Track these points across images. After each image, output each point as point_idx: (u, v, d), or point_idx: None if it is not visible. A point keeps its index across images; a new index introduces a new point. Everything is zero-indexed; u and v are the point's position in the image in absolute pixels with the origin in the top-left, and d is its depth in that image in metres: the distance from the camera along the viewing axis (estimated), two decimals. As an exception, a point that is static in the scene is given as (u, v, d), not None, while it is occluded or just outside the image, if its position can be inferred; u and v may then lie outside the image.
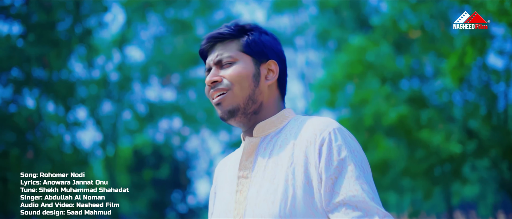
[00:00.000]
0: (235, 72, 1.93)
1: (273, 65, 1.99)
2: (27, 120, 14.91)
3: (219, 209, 1.95)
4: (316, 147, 1.81)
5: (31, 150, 14.42)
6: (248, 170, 1.90)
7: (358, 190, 1.74)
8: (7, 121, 14.43)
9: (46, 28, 15.07)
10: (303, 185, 1.78)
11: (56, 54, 15.58)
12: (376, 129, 12.08)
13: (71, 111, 17.71)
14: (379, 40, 12.35)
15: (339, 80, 12.07)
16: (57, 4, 15.33)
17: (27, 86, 15.51)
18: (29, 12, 15.30)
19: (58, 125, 17.94)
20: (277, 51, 2.02)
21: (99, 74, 19.56)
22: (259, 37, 2.00)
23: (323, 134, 1.82)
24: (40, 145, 15.26)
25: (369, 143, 12.37)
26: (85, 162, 17.43)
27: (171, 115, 19.25)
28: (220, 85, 1.95)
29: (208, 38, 2.02)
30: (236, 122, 1.96)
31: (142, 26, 18.14)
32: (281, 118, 1.97)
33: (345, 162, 1.78)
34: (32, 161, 14.12)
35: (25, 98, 16.12)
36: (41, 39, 14.97)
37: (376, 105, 11.48)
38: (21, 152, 14.34)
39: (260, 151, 1.91)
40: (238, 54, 1.96)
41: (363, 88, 12.01)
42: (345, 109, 13.00)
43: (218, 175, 2.10)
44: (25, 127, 14.71)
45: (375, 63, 11.94)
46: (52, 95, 16.34)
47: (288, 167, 1.82)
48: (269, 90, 1.98)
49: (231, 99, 1.92)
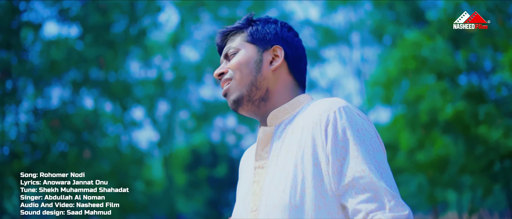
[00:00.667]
0: (235, 60, 1.95)
1: (278, 50, 1.96)
2: (84, 121, 15.17)
3: (239, 200, 1.93)
4: (322, 127, 1.76)
5: (88, 150, 14.67)
6: (264, 160, 1.87)
7: (365, 170, 1.67)
8: (66, 121, 14.71)
9: (102, 30, 15.32)
10: (312, 168, 1.74)
11: (112, 55, 15.82)
12: (432, 125, 11.85)
13: (127, 111, 17.96)
14: (434, 34, 12.12)
15: (393, 76, 11.90)
16: (113, 6, 15.56)
17: (85, 87, 15.79)
18: (86, 14, 15.57)
19: (115, 125, 18.21)
20: (285, 37, 2.00)
21: (154, 74, 19.78)
22: (263, 26, 2.00)
23: (328, 113, 1.76)
24: (97, 145, 15.52)
25: (426, 139, 12.15)
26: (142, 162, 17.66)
27: (226, 114, 19.33)
28: (225, 75, 1.97)
29: (218, 34, 2.05)
30: (245, 111, 1.95)
31: (196, 26, 18.25)
32: (295, 104, 1.93)
33: (351, 142, 1.72)
34: (90, 161, 14.36)
35: (83, 99, 16.41)
36: (98, 41, 15.22)
37: (432, 101, 11.27)
38: (79, 152, 14.59)
39: (274, 140, 1.88)
40: (242, 44, 1.98)
41: (418, 84, 11.81)
42: (401, 106, 12.80)
43: (242, 166, 2.09)
44: (82, 128, 14.97)
45: (431, 58, 11.73)
46: (109, 95, 16.61)
47: (297, 152, 1.78)
48: (276, 76, 1.95)
49: (234, 87, 1.93)
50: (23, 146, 13.76)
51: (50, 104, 15.24)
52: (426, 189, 13.43)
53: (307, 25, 17.50)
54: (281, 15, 17.66)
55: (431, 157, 12.07)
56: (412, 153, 12.43)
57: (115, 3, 15.63)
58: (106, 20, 15.30)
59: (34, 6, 14.70)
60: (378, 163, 1.70)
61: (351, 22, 17.81)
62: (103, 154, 15.52)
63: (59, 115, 14.67)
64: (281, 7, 17.39)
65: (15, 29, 13.87)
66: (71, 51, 15.22)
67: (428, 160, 11.97)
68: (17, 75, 14.06)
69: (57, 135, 14.55)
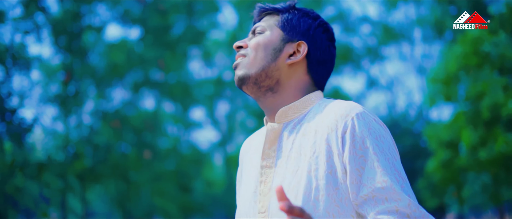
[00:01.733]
0: (256, 40, 1.89)
1: (302, 47, 1.87)
2: (144, 122, 15.37)
3: (244, 197, 1.86)
4: (338, 134, 1.69)
5: (149, 150, 14.85)
6: (271, 159, 1.80)
7: (386, 181, 1.62)
8: (126, 122, 14.93)
9: (162, 31, 15.49)
10: (326, 175, 1.67)
11: (171, 56, 15.99)
12: (495, 122, 11.54)
13: (187, 111, 18.12)
14: (497, 29, 11.78)
15: (453, 73, 11.63)
16: (171, 7, 15.71)
17: (145, 88, 16.00)
18: (146, 16, 15.78)
19: (175, 125, 18.40)
20: (315, 36, 1.90)
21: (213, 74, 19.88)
22: (299, 17, 1.92)
23: (346, 120, 1.70)
24: (158, 146, 15.70)
25: (488, 137, 11.83)
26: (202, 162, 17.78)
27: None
28: (242, 51, 1.91)
29: (256, 9, 1.98)
30: (249, 91, 1.88)
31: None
32: (306, 103, 1.85)
33: (370, 151, 1.66)
34: (150, 162, 14.53)
35: (143, 100, 16.64)
36: (157, 42, 15.41)
37: (494, 97, 10.97)
38: (139, 153, 14.79)
39: (283, 139, 1.81)
40: (271, 27, 1.91)
41: (480, 79, 11.51)
42: (462, 102, 12.52)
43: (243, 156, 2.01)
44: (142, 128, 15.17)
45: (493, 53, 11.41)
46: (169, 96, 16.80)
47: (311, 157, 1.71)
48: (291, 71, 1.86)
49: (245, 65, 1.86)
50: (85, 147, 14.03)
51: (111, 105, 15.51)
52: (490, 188, 13.09)
53: (366, 22, 17.29)
54: (339, 13, 17.49)
55: (493, 155, 11.74)
56: (474, 150, 12.12)
57: (174, 5, 15.78)
58: (165, 21, 15.48)
59: (96, 10, 14.98)
60: (398, 173, 1.66)
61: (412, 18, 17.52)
62: (164, 154, 15.71)
63: (120, 116, 14.91)
64: (339, 4, 17.22)
65: (77, 33, 14.16)
66: (131, 53, 15.47)
67: (491, 157, 11.65)
68: (80, 77, 14.36)
69: (118, 136, 14.79)
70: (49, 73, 14.58)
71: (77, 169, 13.41)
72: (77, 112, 14.73)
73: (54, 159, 13.18)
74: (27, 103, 12.93)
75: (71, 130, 14.71)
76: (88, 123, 14.88)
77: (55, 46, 14.41)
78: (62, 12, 14.24)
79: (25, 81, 12.94)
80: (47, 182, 12.98)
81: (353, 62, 16.88)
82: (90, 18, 14.87)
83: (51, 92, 14.24)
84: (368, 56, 17.64)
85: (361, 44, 17.79)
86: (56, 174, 13.14)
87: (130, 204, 14.97)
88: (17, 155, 11.88)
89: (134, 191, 14.26)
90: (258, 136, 1.98)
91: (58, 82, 14.35)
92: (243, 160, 2.00)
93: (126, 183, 14.84)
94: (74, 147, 13.69)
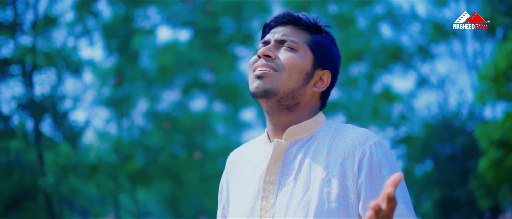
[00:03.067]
0: (293, 59, 1.83)
1: (326, 76, 1.89)
2: (194, 123, 15.52)
3: (239, 211, 1.87)
4: (355, 160, 1.73)
5: (199, 151, 15.00)
6: (275, 175, 1.81)
7: (401, 209, 1.69)
8: (176, 124, 15.10)
9: (211, 33, 15.62)
10: (338, 199, 1.72)
11: (221, 57, 16.10)
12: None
13: (238, 112, 18.21)
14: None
15: (502, 70, 11.40)
16: (220, 9, 15.82)
17: (195, 89, 16.16)
18: (195, 18, 15.93)
19: (226, 126, 18.50)
20: (336, 67, 1.93)
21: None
22: (329, 44, 1.91)
23: (364, 148, 1.74)
24: (208, 147, 15.84)
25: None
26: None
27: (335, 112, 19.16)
28: (272, 62, 1.83)
29: (285, 14, 1.92)
30: (266, 105, 1.84)
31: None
32: (314, 123, 1.87)
33: (386, 180, 1.67)
34: (200, 163, 14.67)
35: (193, 101, 16.81)
36: (207, 44, 15.54)
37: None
38: (189, 154, 14.93)
39: (289, 157, 1.83)
40: (303, 46, 1.87)
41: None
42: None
43: (231, 168, 2.01)
44: (192, 129, 15.32)
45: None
46: (220, 97, 16.92)
47: (322, 179, 1.74)
48: (312, 96, 1.89)
49: (275, 81, 1.81)
50: (137, 149, 14.26)
51: (162, 107, 15.72)
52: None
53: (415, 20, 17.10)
54: (388, 10, 17.31)
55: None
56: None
57: (223, 6, 15.87)
58: (214, 23, 15.60)
59: (146, 13, 15.20)
60: (410, 202, 1.73)
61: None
62: (214, 155, 15.83)
63: (170, 118, 15.09)
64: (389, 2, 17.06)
65: (128, 35, 14.39)
66: (181, 55, 15.64)
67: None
68: (131, 80, 14.60)
69: (168, 137, 14.98)
70: (101, 76, 14.87)
71: (128, 170, 13.65)
72: (128, 114, 14.97)
73: (106, 160, 13.43)
74: (79, 106, 13.22)
75: (122, 132, 14.96)
76: (139, 125, 15.11)
77: (107, 49, 14.68)
78: (114, 16, 14.50)
79: (78, 84, 13.24)
80: (100, 183, 13.23)
81: (404, 61, 16.72)
82: (140, 21, 15.10)
83: (103, 95, 14.50)
84: (418, 55, 17.41)
85: (411, 42, 17.57)
86: (108, 175, 13.39)
87: (181, 205, 15.15)
88: (71, 157, 12.15)
89: (184, 191, 14.43)
90: (250, 149, 1.99)
91: (110, 85, 14.61)
92: (231, 172, 2.00)
93: (176, 184, 15.02)
94: (126, 149, 13.91)
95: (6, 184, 12.08)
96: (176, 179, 14.83)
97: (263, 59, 1.85)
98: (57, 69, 12.12)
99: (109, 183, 13.65)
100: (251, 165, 1.92)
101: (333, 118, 17.96)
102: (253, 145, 1.99)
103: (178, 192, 15.14)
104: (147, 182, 14.25)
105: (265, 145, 1.91)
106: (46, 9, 12.35)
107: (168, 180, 14.79)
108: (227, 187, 2.01)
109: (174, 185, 15.07)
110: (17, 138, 11.95)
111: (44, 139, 12.00)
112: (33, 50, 11.64)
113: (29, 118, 11.91)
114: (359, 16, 17.77)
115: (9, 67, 11.81)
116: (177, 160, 14.69)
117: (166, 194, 15.82)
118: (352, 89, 17.98)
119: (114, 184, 13.83)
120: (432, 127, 15.59)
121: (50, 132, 12.33)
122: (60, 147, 12.39)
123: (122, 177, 13.79)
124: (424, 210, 15.09)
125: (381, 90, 17.93)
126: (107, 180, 13.53)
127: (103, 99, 14.36)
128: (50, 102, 11.89)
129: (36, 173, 11.81)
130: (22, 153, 12.30)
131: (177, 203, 15.56)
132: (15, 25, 11.61)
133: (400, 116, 17.64)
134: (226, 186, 2.01)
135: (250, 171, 1.90)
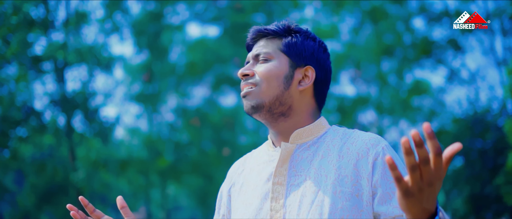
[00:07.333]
0: (266, 69, 1.89)
1: (310, 71, 1.92)
2: (223, 119, 15.58)
3: (245, 214, 1.91)
4: (369, 160, 1.80)
5: (228, 147, 15.05)
6: (283, 176, 1.87)
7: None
8: (205, 120, 15.16)
9: (240, 29, 15.64)
10: (352, 198, 1.78)
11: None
12: None
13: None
14: None
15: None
16: (249, 5, 15.84)
17: (224, 85, 16.22)
18: (224, 14, 15.98)
19: (255, 122, 18.54)
20: (319, 59, 1.96)
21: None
22: (302, 41, 1.95)
23: (377, 149, 1.82)
24: (237, 143, 15.89)
25: None
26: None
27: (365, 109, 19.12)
28: (250, 79, 1.91)
29: (253, 31, 1.98)
30: (261, 118, 1.91)
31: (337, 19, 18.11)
32: (318, 127, 1.93)
33: None
34: (229, 158, 14.72)
35: (222, 97, 16.88)
36: (235, 40, 15.57)
37: None
38: (218, 150, 14.99)
39: (296, 158, 1.89)
40: (276, 53, 1.92)
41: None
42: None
43: (234, 177, 2.06)
44: (221, 125, 15.37)
45: None
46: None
47: (336, 178, 1.80)
48: (302, 96, 1.93)
49: (257, 95, 1.88)
50: (166, 145, 14.36)
51: (191, 103, 15.80)
52: None
53: (445, 16, 16.94)
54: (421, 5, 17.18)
55: None
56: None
57: (252, 3, 15.89)
58: (242, 19, 15.62)
59: (175, 9, 15.29)
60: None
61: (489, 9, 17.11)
62: (243, 151, 15.87)
63: (199, 114, 15.16)
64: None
65: (157, 32, 14.49)
66: (210, 51, 15.70)
67: None
68: (160, 76, 14.70)
69: (198, 133, 15.05)
70: (131, 73, 14.99)
71: (158, 166, 13.75)
72: (158, 110, 15.08)
73: (137, 156, 13.54)
74: (110, 102, 13.36)
75: (152, 128, 15.08)
76: (169, 121, 15.22)
77: (136, 46, 14.81)
78: (143, 12, 14.61)
79: (108, 80, 13.39)
80: (130, 178, 13.33)
81: (434, 55, 16.63)
82: (170, 17, 15.19)
83: (134, 91, 14.61)
84: (449, 49, 17.27)
85: (441, 36, 17.43)
86: (138, 171, 13.51)
87: (210, 200, 15.23)
88: (102, 153, 12.29)
89: (214, 187, 14.50)
90: (253, 158, 2.04)
91: (140, 81, 14.73)
92: (235, 180, 2.04)
93: (206, 180, 15.10)
94: (156, 145, 14.02)
95: (39, 178, 12.28)
96: (206, 175, 14.90)
97: (243, 79, 1.93)
98: (88, 66, 12.28)
99: (139, 178, 13.76)
100: (255, 172, 1.97)
101: (364, 113, 17.95)
102: (256, 153, 2.05)
103: (207, 188, 15.22)
104: (177, 177, 14.34)
105: (268, 151, 1.97)
106: (77, 6, 12.51)
107: (197, 176, 14.86)
108: (228, 195, 2.05)
109: (204, 181, 15.16)
110: (49, 134, 12.14)
111: (75, 134, 12.17)
112: (65, 47, 11.80)
113: (61, 114, 12.08)
114: (391, 10, 17.68)
115: (42, 63, 12.00)
116: (206, 156, 14.75)
117: (196, 190, 15.91)
118: (383, 84, 17.90)
119: (145, 179, 13.94)
120: (463, 122, 15.46)
121: (81, 128, 12.49)
122: (91, 143, 12.55)
123: (152, 172, 13.91)
124: (454, 206, 15.00)
125: (411, 84, 17.86)
126: (137, 176, 13.64)
127: (133, 95, 14.48)
128: (81, 98, 12.06)
129: (68, 168, 11.98)
130: (54, 148, 12.47)
131: (207, 198, 15.64)
132: (47, 22, 11.78)
133: (430, 111, 17.56)
134: (227, 194, 2.06)
135: (254, 176, 1.96)
